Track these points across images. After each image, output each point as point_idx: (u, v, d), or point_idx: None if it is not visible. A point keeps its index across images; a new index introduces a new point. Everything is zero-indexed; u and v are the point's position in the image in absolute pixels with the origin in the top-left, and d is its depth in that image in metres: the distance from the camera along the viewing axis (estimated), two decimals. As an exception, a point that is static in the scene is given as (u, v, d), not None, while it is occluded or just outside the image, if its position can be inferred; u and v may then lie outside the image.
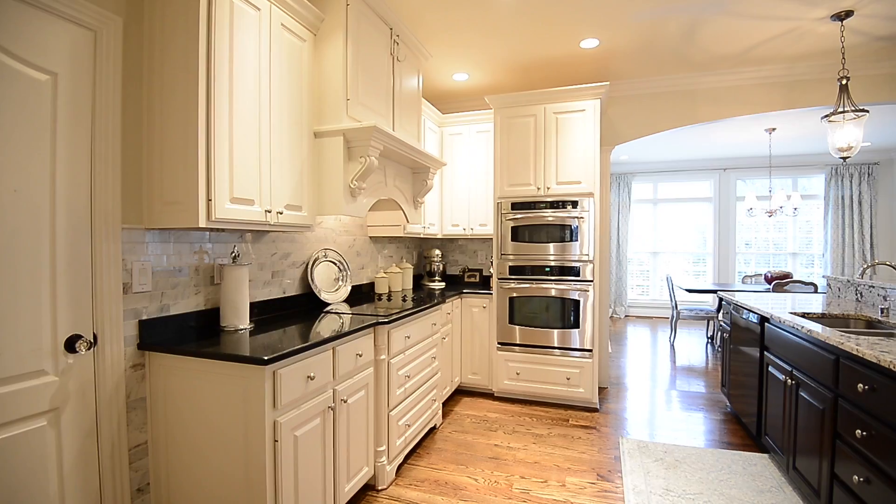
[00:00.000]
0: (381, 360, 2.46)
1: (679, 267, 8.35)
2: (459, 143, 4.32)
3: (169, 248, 2.00)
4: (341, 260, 3.17)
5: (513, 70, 3.93)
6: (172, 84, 1.80)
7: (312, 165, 2.44)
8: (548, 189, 3.74)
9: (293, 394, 1.78)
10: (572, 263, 3.68)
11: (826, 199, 7.37)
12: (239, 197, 1.91)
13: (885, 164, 7.13)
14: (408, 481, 2.57)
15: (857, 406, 1.84)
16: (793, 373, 2.40)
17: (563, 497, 2.43)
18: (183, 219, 1.79)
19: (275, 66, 2.14)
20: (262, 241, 2.52)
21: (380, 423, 2.47)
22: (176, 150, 1.79)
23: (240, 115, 1.92)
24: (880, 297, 2.87)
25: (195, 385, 1.78)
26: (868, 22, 3.00)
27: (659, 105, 4.14)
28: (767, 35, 3.22)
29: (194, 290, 2.12)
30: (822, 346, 2.11)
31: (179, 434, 1.82)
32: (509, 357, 3.85)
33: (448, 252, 4.81)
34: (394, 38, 2.94)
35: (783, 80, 3.82)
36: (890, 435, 1.62)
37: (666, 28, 3.15)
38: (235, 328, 2.10)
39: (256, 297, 2.47)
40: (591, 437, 3.16)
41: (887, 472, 1.63)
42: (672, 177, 8.23)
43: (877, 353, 1.70)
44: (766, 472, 2.64)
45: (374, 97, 2.72)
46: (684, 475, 2.61)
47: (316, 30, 2.47)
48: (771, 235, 7.91)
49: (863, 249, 7.11)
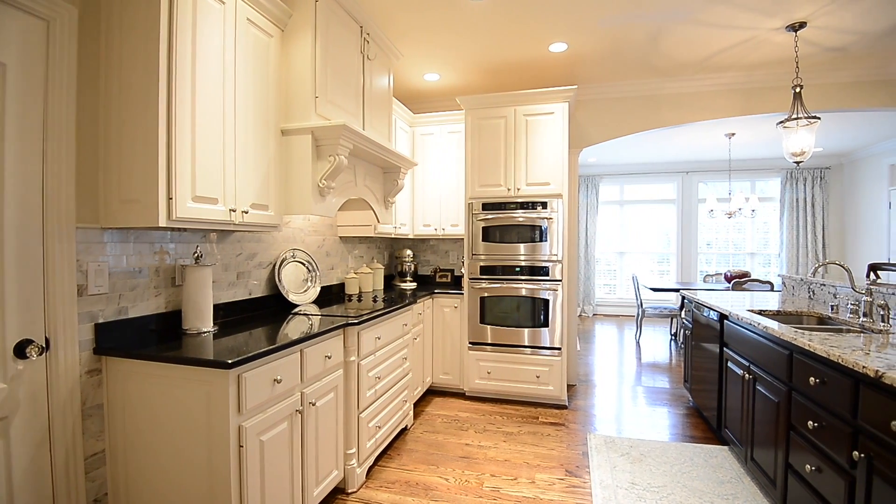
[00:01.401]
0: (351, 362, 2.43)
1: (644, 266, 8.59)
2: (431, 143, 4.32)
3: (128, 249, 1.92)
4: (310, 260, 3.12)
5: (484, 72, 3.96)
6: (131, 77, 1.73)
7: (280, 164, 2.39)
8: (518, 190, 3.78)
9: (259, 398, 1.74)
10: (542, 263, 3.73)
11: (782, 202, 7.72)
12: (202, 195, 1.85)
13: (835, 169, 7.53)
14: (378, 483, 2.55)
15: (809, 399, 1.93)
16: (750, 368, 2.51)
17: (532, 494, 2.46)
18: (142, 218, 1.72)
19: (240, 62, 2.09)
20: (227, 240, 2.46)
21: (349, 425, 2.44)
22: (135, 146, 1.72)
23: (203, 111, 1.87)
24: (831, 295, 3.02)
25: (156, 391, 1.72)
26: (820, 33, 3.16)
27: (625, 109, 4.25)
28: (727, 43, 3.35)
29: (154, 291, 2.04)
30: (777, 341, 2.21)
31: (139, 442, 1.76)
32: (480, 356, 3.87)
33: (420, 252, 4.80)
34: (364, 36, 2.91)
35: (742, 87, 3.98)
36: (838, 425, 1.71)
37: (632, 34, 3.23)
38: (198, 331, 2.04)
39: (221, 298, 2.40)
40: (560, 434, 3.21)
41: (837, 461, 1.72)
42: (638, 179, 8.46)
43: (827, 347, 1.79)
44: (726, 464, 2.74)
45: (343, 95, 2.69)
46: (649, 469, 2.69)
47: (284, 25, 2.43)
48: (731, 236, 8.23)
49: (816, 249, 7.48)
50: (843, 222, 7.49)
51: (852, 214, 7.28)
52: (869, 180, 6.88)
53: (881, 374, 1.46)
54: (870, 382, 1.54)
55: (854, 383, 1.62)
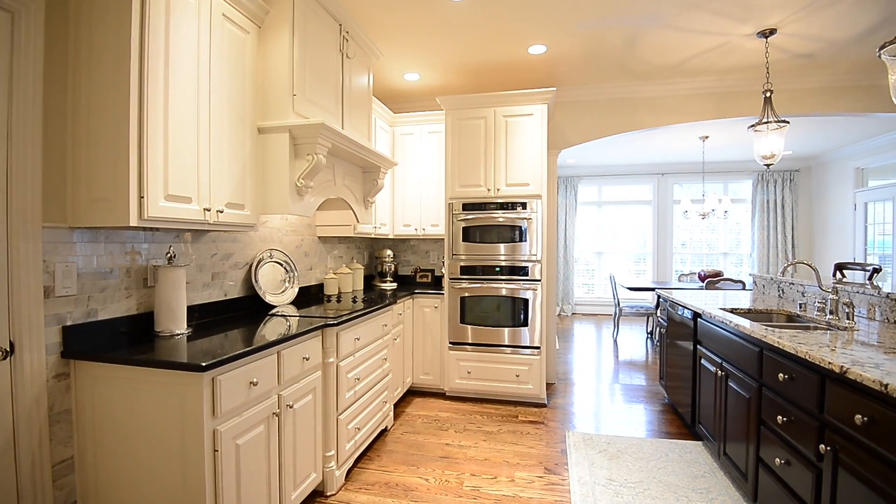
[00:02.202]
0: (330, 363, 2.41)
1: (622, 266, 8.73)
2: (411, 142, 4.31)
3: (98, 249, 1.86)
4: (288, 261, 3.07)
5: (464, 72, 3.96)
6: (101, 71, 1.68)
7: (256, 163, 2.35)
8: (498, 190, 3.80)
9: (234, 401, 1.71)
10: (522, 263, 3.76)
11: (753, 203, 7.95)
12: (175, 194, 1.81)
13: (804, 172, 7.78)
14: (358, 485, 2.54)
15: (779, 394, 1.99)
16: (722, 364, 2.57)
17: (511, 492, 2.48)
18: (112, 217, 1.67)
19: (215, 58, 2.05)
20: (202, 240, 2.40)
21: (328, 427, 2.42)
22: (105, 143, 1.67)
23: (176, 108, 1.82)
24: (799, 294, 3.12)
25: (127, 395, 1.67)
26: (789, 40, 3.26)
27: (603, 111, 4.31)
28: (701, 48, 3.43)
29: (126, 293, 1.99)
30: (748, 339, 2.27)
31: (110, 448, 1.71)
32: (461, 356, 3.88)
33: (400, 252, 4.78)
34: (343, 34, 2.89)
35: (715, 92, 4.08)
36: (806, 420, 1.76)
37: (609, 38, 3.28)
38: (171, 333, 1.99)
39: (195, 300, 2.35)
40: (540, 432, 3.24)
41: (805, 455, 1.77)
42: (615, 180, 8.60)
43: (795, 344, 1.85)
44: (699, 459, 2.80)
45: (322, 94, 2.66)
46: (626, 465, 2.73)
47: (261, 22, 2.39)
48: (704, 236, 8.44)
49: (785, 249, 7.72)
50: (811, 223, 7.75)
51: (820, 215, 7.54)
52: (836, 183, 7.13)
53: (846, 369, 1.51)
54: (835, 378, 1.60)
55: (821, 379, 1.67)
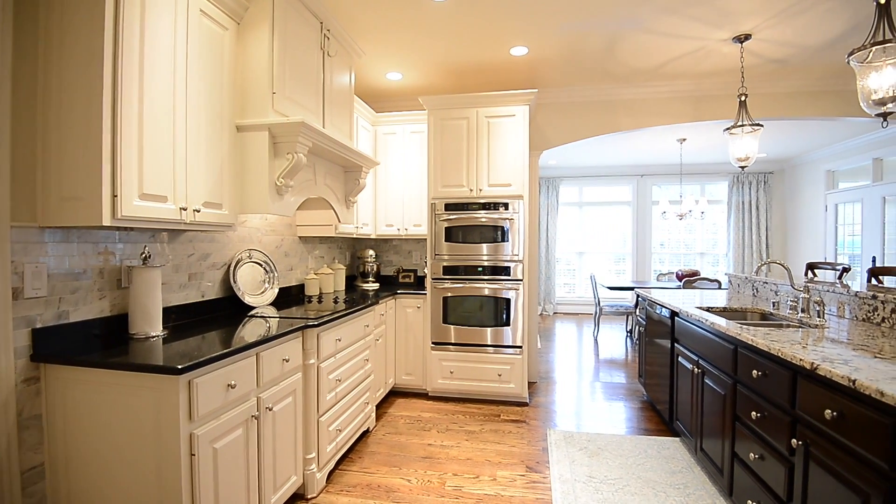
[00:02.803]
0: (311, 365, 2.38)
1: (602, 266, 8.85)
2: (394, 142, 4.29)
3: (71, 249, 1.81)
4: (267, 261, 3.03)
5: (446, 73, 3.97)
6: (73, 66, 1.63)
7: (235, 161, 2.31)
8: (480, 191, 3.81)
9: (212, 404, 1.68)
10: (504, 263, 3.78)
11: (729, 204, 8.14)
12: (150, 193, 1.77)
13: (778, 174, 8.00)
14: (339, 487, 2.51)
15: (753, 390, 2.04)
16: (699, 362, 2.62)
17: (493, 491, 2.49)
18: (84, 216, 1.62)
19: (192, 54, 2.01)
20: (178, 240, 2.35)
21: (309, 429, 2.39)
22: (76, 139, 1.62)
23: (151, 104, 1.78)
24: (772, 292, 3.21)
25: (100, 399, 1.63)
26: (764, 45, 3.35)
27: (583, 113, 4.36)
28: (679, 52, 3.49)
29: (98, 294, 1.93)
30: (723, 337, 2.32)
31: (82, 453, 1.66)
32: (443, 356, 3.88)
33: (382, 252, 4.76)
34: (324, 32, 2.86)
35: (692, 95, 4.16)
36: (779, 415, 1.81)
37: (589, 41, 3.32)
38: (147, 335, 1.94)
39: (171, 301, 2.30)
40: (521, 431, 3.26)
41: (778, 449, 1.82)
42: (596, 181, 8.71)
43: (768, 342, 1.89)
44: (677, 455, 2.85)
45: (302, 92, 2.63)
46: (606, 462, 2.77)
47: (239, 18, 2.35)
48: (682, 237, 8.61)
49: (760, 249, 7.92)
50: (784, 224, 7.97)
51: (793, 216, 7.75)
52: (808, 185, 7.35)
53: (816, 366, 1.55)
54: (806, 374, 1.65)
55: (792, 375, 1.72)
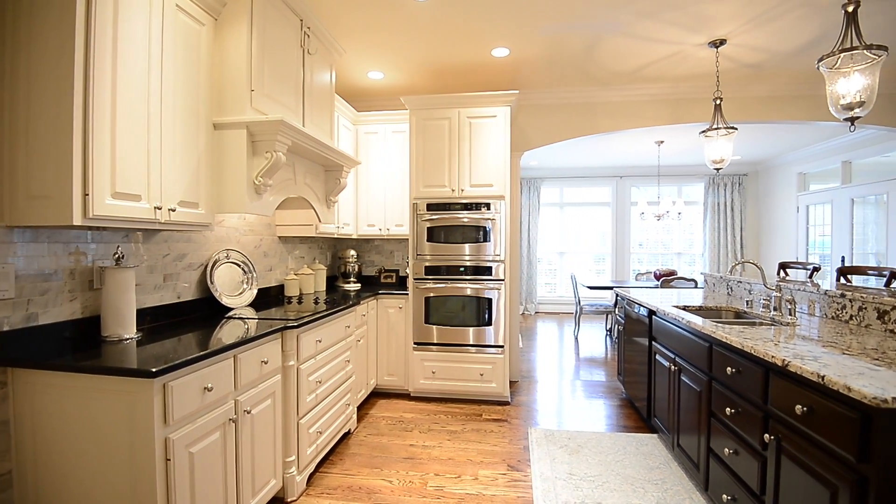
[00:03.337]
0: (290, 367, 2.35)
1: (583, 266, 8.96)
2: (375, 142, 4.27)
3: (40, 249, 1.75)
4: (246, 261, 2.98)
5: (428, 73, 3.96)
6: (43, 60, 1.57)
7: (212, 159, 2.26)
8: (462, 191, 3.81)
9: (188, 407, 1.64)
10: (486, 263, 3.79)
11: (705, 205, 8.32)
12: (123, 192, 1.72)
13: (752, 176, 8.21)
14: (320, 490, 2.49)
15: (727, 387, 2.08)
16: (676, 360, 2.67)
17: (475, 490, 2.49)
18: (53, 215, 1.57)
19: (168, 49, 1.96)
20: (153, 240, 2.30)
21: (288, 432, 2.36)
22: (45, 136, 1.57)
23: (125, 101, 1.73)
24: (746, 291, 3.29)
25: (70, 404, 1.58)
26: (738, 50, 3.43)
27: (564, 115, 4.40)
28: (656, 56, 3.56)
29: (69, 296, 1.87)
30: (699, 335, 2.37)
31: (52, 460, 1.60)
32: (425, 356, 3.87)
33: (364, 253, 4.73)
34: (304, 30, 2.83)
35: (669, 98, 4.24)
36: (752, 411, 1.86)
37: (570, 43, 3.35)
38: (120, 338, 1.89)
39: (146, 303, 2.24)
40: (503, 430, 3.28)
41: (751, 444, 1.87)
42: (577, 182, 8.81)
43: (741, 339, 1.94)
44: (655, 451, 2.90)
45: (282, 90, 2.60)
46: (586, 459, 2.80)
47: (217, 14, 2.30)
48: (660, 237, 8.77)
49: (734, 249, 8.12)
50: (758, 224, 8.19)
51: (766, 217, 7.97)
52: (780, 187, 7.56)
53: (787, 362, 1.60)
54: (778, 371, 1.69)
55: (765, 372, 1.77)
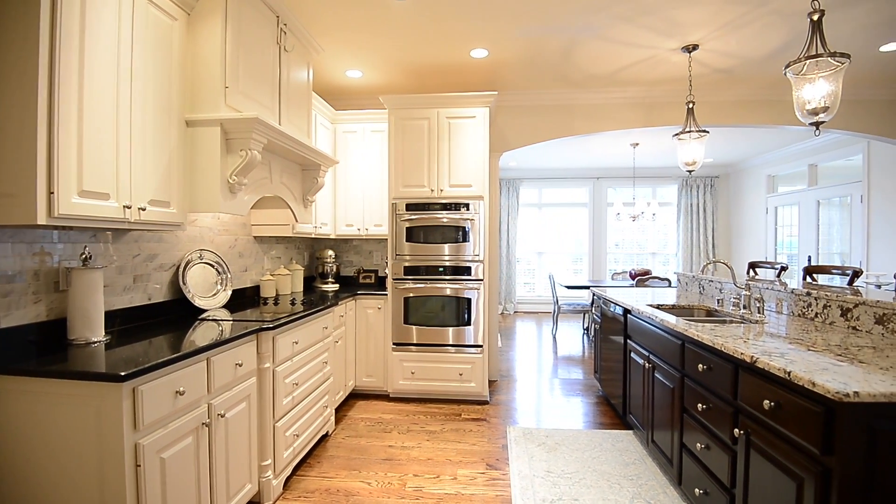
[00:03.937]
0: (266, 369, 2.31)
1: (561, 265, 9.06)
2: (354, 141, 4.23)
3: (4, 249, 1.68)
4: (220, 262, 2.92)
5: (407, 72, 3.95)
6: (5, 55, 1.51)
7: (184, 157, 2.21)
8: (441, 191, 3.82)
9: (159, 412, 1.60)
10: (465, 263, 3.80)
11: (678, 207, 8.52)
12: (90, 190, 1.67)
13: (723, 178, 8.44)
14: (297, 494, 2.45)
15: (699, 383, 2.14)
16: (650, 357, 2.73)
17: (454, 490, 2.50)
18: (17, 214, 1.51)
19: (138, 44, 1.90)
20: (123, 240, 2.23)
21: (264, 435, 2.32)
22: (8, 132, 1.51)
23: (92, 96, 1.68)
24: (717, 290, 3.38)
25: (36, 410, 1.52)
26: (710, 56, 3.52)
27: (542, 116, 4.45)
28: (632, 60, 3.62)
29: (33, 298, 1.80)
30: (672, 333, 2.43)
31: (15, 468, 1.54)
32: (404, 357, 3.86)
33: (342, 253, 4.69)
34: (281, 27, 2.79)
35: (644, 101, 4.33)
36: (722, 406, 1.91)
37: (548, 46, 3.39)
38: (87, 341, 1.83)
39: (115, 304, 2.18)
40: (482, 429, 3.29)
41: (722, 439, 1.92)
42: (555, 183, 8.92)
43: (712, 337, 1.99)
44: (630, 447, 2.96)
45: (257, 87, 2.55)
46: (563, 456, 2.83)
47: (190, 9, 2.25)
48: (635, 237, 8.95)
49: (706, 249, 8.34)
50: (729, 225, 8.43)
51: (736, 218, 8.20)
52: (750, 188, 7.79)
53: (755, 359, 1.65)
54: (747, 367, 1.74)
55: (734, 368, 1.82)
